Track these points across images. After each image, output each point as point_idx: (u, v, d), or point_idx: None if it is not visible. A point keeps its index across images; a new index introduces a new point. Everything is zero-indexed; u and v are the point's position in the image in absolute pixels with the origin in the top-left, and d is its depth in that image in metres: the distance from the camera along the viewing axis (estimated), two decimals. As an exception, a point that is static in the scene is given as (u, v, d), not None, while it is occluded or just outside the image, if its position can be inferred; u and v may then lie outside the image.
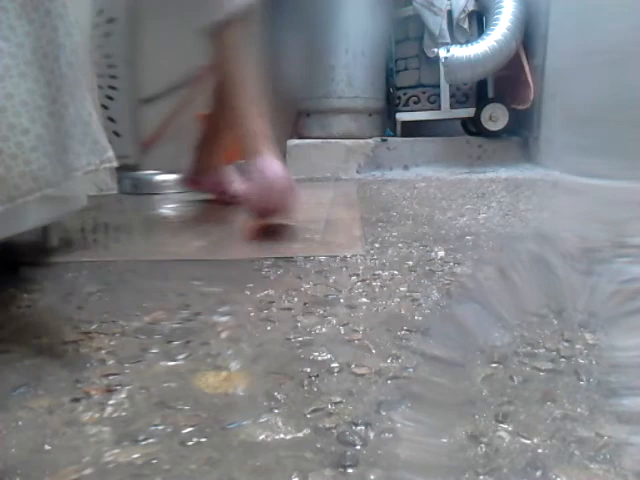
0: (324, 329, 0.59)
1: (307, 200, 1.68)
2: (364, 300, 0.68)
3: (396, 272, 0.79)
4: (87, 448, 0.39)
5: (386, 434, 0.40)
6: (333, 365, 0.51)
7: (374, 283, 0.75)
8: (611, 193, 1.38)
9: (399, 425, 0.41)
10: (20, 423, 0.43)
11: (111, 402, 0.45)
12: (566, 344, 0.54)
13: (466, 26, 2.15)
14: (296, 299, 0.69)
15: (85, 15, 1.26)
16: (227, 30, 1.09)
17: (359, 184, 1.92)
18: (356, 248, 0.94)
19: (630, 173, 1.41)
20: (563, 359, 0.51)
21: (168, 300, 0.70)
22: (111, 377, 0.50)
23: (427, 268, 0.80)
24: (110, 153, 0.89)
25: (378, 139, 2.29)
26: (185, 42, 2.23)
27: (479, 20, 2.21)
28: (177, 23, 2.21)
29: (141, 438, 0.40)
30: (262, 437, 0.40)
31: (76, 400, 0.46)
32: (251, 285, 0.75)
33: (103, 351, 0.55)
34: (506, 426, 0.40)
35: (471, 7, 2.15)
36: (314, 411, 0.43)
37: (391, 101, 2.37)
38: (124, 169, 1.64)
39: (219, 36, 1.10)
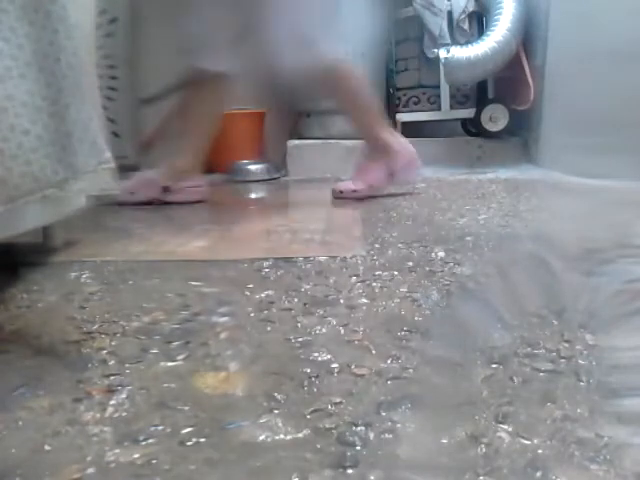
0: (324, 330, 0.59)
1: (307, 201, 1.69)
2: (364, 301, 0.68)
3: (396, 273, 0.79)
4: (88, 448, 0.39)
5: (386, 434, 0.40)
6: (333, 366, 0.51)
7: (374, 284, 0.75)
8: (612, 193, 1.38)
9: (399, 425, 0.41)
10: (20, 423, 0.43)
11: (112, 402, 0.45)
12: (566, 345, 0.54)
13: (466, 27, 2.15)
14: (296, 300, 0.69)
15: (88, 15, 1.26)
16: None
17: (359, 184, 1.91)
18: (356, 249, 0.94)
19: (631, 173, 1.41)
20: (563, 360, 0.51)
21: (168, 300, 0.70)
22: (112, 377, 0.50)
23: (427, 269, 0.80)
24: (108, 154, 0.89)
25: (378, 140, 2.29)
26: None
27: (479, 21, 2.20)
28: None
29: (141, 438, 0.40)
30: (262, 437, 0.40)
31: (77, 400, 0.46)
32: (251, 286, 0.75)
33: (104, 351, 0.55)
34: (506, 427, 0.40)
35: (471, 7, 2.15)
36: (314, 412, 0.43)
37: (391, 102, 2.37)
38: (123, 169, 1.65)
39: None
